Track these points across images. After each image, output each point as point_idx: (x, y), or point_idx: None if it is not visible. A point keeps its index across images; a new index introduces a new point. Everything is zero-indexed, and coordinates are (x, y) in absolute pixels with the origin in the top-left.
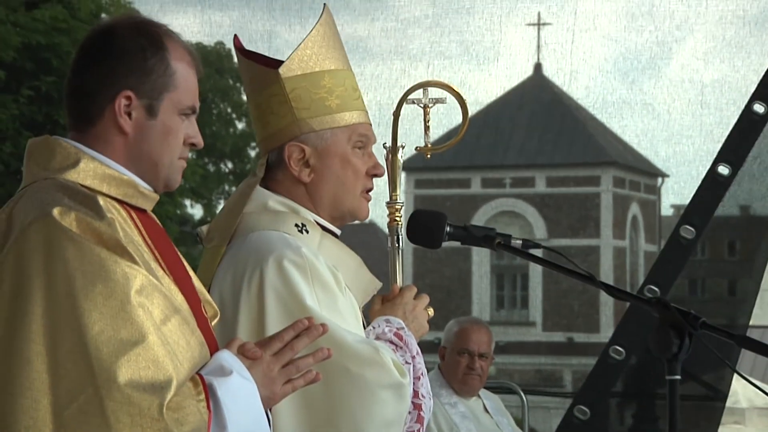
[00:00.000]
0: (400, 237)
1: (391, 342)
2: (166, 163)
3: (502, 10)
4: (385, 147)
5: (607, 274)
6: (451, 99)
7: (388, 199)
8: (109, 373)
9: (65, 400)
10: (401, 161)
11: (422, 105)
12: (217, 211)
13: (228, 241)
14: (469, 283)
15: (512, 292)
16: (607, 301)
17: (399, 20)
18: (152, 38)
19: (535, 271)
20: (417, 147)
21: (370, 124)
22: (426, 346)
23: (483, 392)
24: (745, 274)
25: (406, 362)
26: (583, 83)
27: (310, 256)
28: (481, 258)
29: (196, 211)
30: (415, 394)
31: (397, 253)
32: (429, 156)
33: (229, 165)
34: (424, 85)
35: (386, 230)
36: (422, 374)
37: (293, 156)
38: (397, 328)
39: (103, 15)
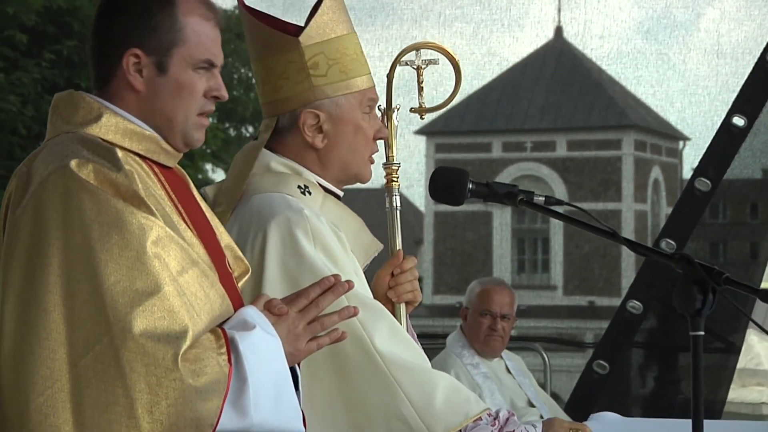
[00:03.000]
0: (397, 198)
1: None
2: (181, 119)
3: None
4: (379, 109)
5: (628, 238)
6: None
7: (385, 161)
8: (125, 323)
9: (81, 349)
10: (396, 122)
11: (415, 66)
12: None
13: (234, 206)
14: (490, 246)
15: (533, 256)
16: (628, 265)
17: None
18: None
19: (557, 234)
20: (411, 108)
21: (375, 86)
22: (447, 310)
23: (505, 353)
24: (767, 237)
25: None
26: (597, 32)
27: (312, 217)
28: (501, 221)
29: (218, 175)
30: None
31: (395, 215)
32: (424, 117)
33: (250, 129)
34: (416, 47)
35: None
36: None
37: (307, 122)
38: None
39: None
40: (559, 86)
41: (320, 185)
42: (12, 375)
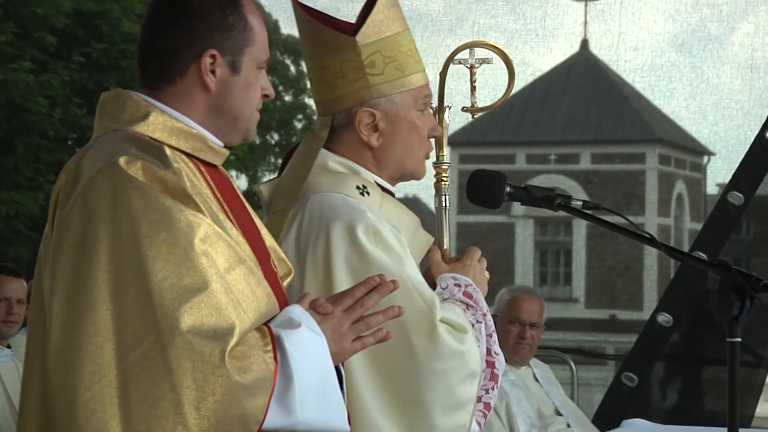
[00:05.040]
0: (447, 197)
1: (462, 301)
2: (246, 116)
3: None
4: (431, 108)
5: (651, 251)
6: (497, 60)
7: (435, 160)
8: (172, 319)
9: (129, 346)
10: (448, 122)
11: (468, 65)
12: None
13: (293, 205)
14: (512, 258)
15: (555, 268)
16: (650, 279)
17: None
18: None
19: (579, 247)
20: (463, 107)
21: (429, 83)
22: None
23: (533, 361)
24: None
25: (477, 321)
26: (631, 45)
27: (374, 220)
28: (524, 233)
29: (241, 182)
30: (488, 351)
31: (444, 214)
32: (475, 116)
33: (275, 137)
34: (470, 45)
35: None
36: (493, 331)
37: (363, 121)
38: (466, 286)
39: None
40: (585, 99)
41: (377, 184)
42: (60, 370)
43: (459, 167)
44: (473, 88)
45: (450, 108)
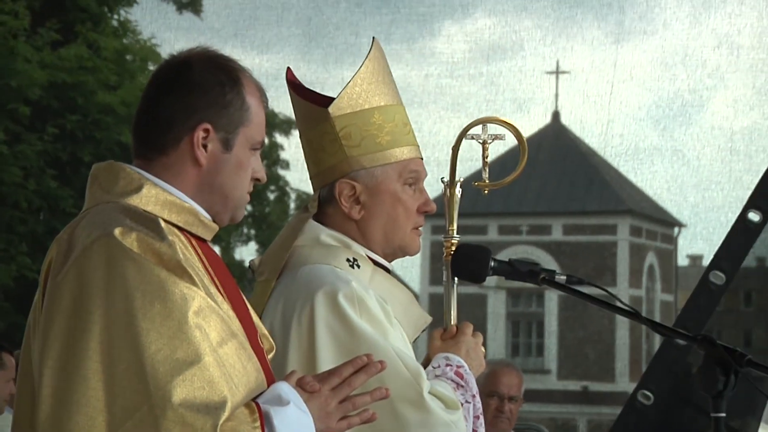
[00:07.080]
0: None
1: (453, 381)
2: (237, 196)
3: (524, 60)
4: (442, 182)
5: (623, 323)
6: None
7: (445, 234)
8: (165, 392)
9: (120, 417)
10: (458, 196)
11: (481, 141)
12: (235, 255)
13: (278, 275)
14: (485, 329)
15: (527, 339)
16: (622, 351)
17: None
18: (229, 73)
19: (551, 318)
20: (475, 182)
21: (422, 158)
22: None
23: None
24: (760, 325)
25: (467, 401)
26: (617, 131)
27: (359, 289)
28: (496, 304)
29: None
30: None
31: (452, 288)
32: (487, 192)
33: (248, 207)
34: (483, 121)
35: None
36: (480, 414)
37: (344, 193)
38: (458, 367)
39: (128, 56)
40: (556, 170)
41: (369, 258)
42: None
43: (431, 238)
44: (485, 164)
45: (461, 182)
